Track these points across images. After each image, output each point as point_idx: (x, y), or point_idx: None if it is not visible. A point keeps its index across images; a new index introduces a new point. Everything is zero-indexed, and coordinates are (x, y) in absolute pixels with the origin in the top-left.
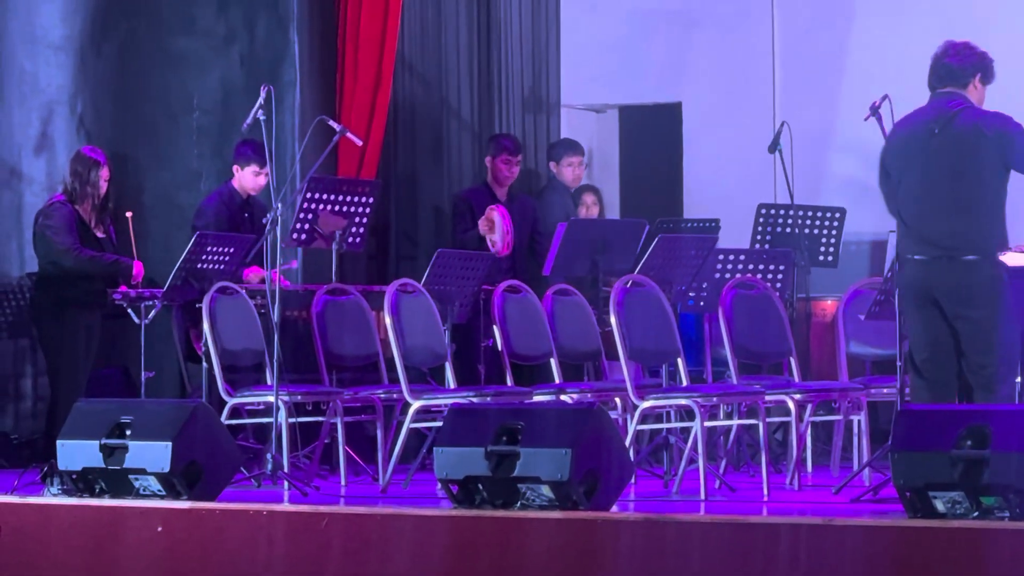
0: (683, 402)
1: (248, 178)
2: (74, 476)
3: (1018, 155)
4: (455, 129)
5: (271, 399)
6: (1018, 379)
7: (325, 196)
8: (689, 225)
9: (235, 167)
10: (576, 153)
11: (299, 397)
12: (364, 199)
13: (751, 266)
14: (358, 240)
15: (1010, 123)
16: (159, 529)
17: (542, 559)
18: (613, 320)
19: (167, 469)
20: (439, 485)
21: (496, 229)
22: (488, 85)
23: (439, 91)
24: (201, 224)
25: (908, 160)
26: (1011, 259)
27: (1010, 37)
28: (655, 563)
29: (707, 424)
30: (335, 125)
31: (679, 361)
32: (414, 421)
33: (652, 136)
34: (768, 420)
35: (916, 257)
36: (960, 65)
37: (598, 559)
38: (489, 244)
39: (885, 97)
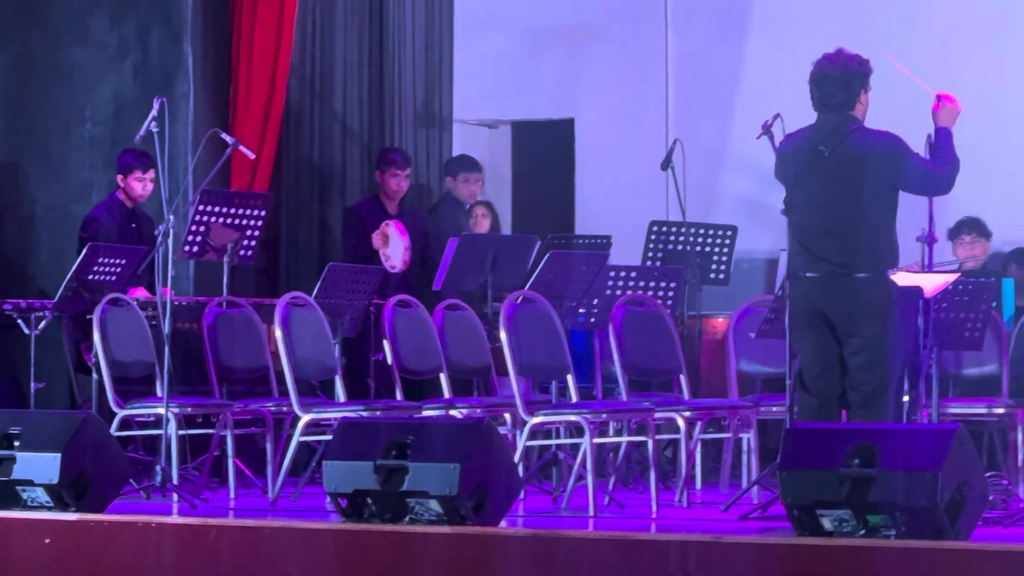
0: (572, 418)
1: (134, 185)
2: None
3: (909, 174)
4: (347, 143)
5: (161, 411)
6: (905, 398)
7: (217, 208)
8: (580, 241)
9: (119, 177)
10: (474, 170)
11: (189, 409)
12: (256, 212)
13: (642, 283)
14: (249, 253)
15: (899, 142)
16: (47, 541)
17: (431, 573)
18: (503, 336)
19: (56, 480)
20: (328, 499)
21: (392, 244)
22: (380, 99)
23: (331, 104)
24: (88, 235)
25: (797, 179)
26: (900, 279)
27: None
28: None
29: (596, 440)
30: (228, 138)
31: (569, 377)
32: (304, 434)
33: (544, 152)
34: (657, 437)
35: (808, 275)
36: (847, 82)
37: (486, 574)
38: (383, 258)
39: (777, 116)
